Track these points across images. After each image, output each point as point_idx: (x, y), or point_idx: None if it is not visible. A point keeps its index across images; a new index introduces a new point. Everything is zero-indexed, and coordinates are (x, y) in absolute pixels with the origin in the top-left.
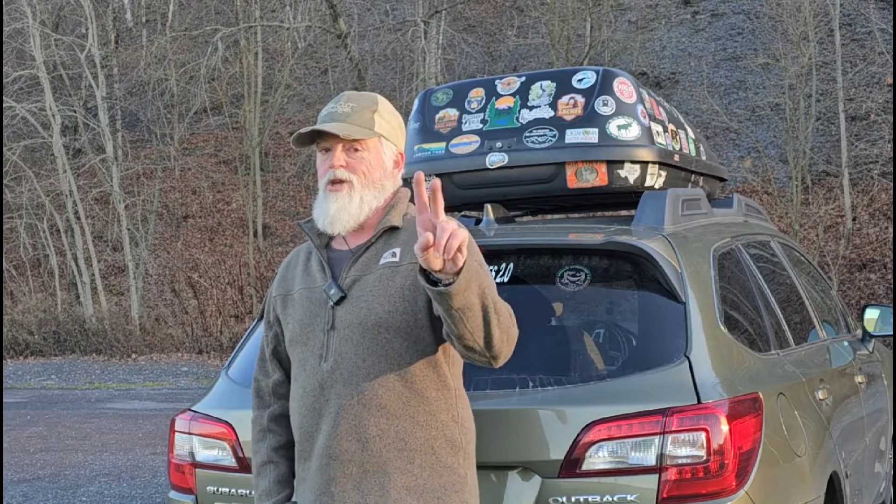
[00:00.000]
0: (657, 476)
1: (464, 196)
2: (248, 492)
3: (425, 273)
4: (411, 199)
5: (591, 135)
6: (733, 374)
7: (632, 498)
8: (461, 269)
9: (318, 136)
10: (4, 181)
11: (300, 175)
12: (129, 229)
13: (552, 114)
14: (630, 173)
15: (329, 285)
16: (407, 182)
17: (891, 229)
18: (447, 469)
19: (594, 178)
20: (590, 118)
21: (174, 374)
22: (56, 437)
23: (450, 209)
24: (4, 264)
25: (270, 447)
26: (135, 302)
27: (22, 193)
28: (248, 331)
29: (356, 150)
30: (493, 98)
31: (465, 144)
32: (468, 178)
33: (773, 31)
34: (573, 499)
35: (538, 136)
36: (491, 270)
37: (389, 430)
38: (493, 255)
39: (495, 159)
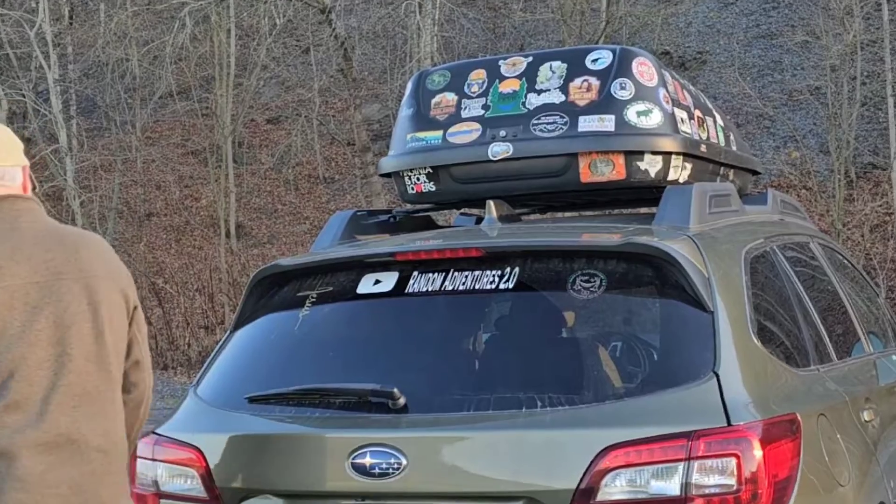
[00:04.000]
0: None
1: (463, 191)
2: None
3: None
4: None
5: (606, 122)
6: (767, 392)
7: None
8: None
9: None
10: None
11: (278, 168)
12: (85, 228)
13: (563, 98)
14: (651, 166)
15: None
16: (388, 175)
17: None
18: None
19: (610, 170)
20: (605, 103)
21: None
22: None
23: (447, 206)
24: None
25: None
26: None
27: None
28: (220, 344)
29: None
30: (497, 81)
31: (465, 133)
32: (468, 170)
33: (812, 4)
34: None
35: (547, 123)
36: (493, 276)
37: None
38: (496, 259)
39: (499, 150)
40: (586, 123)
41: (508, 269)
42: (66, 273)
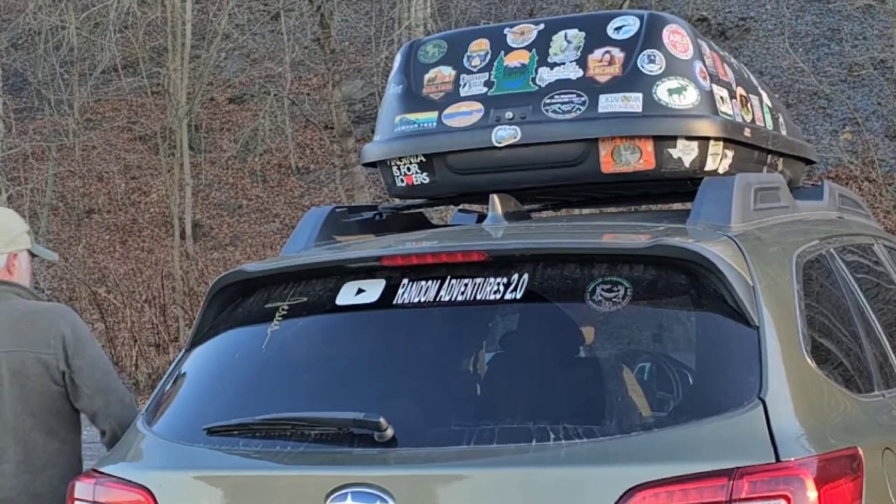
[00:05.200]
0: None
1: (462, 184)
2: None
3: None
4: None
5: (632, 102)
6: (823, 422)
7: None
8: None
9: None
10: None
11: (242, 156)
12: None
13: (581, 73)
14: (685, 153)
15: None
16: (373, 165)
17: None
18: None
19: (637, 159)
20: (631, 79)
21: None
22: None
23: (444, 202)
24: None
25: None
26: None
27: None
28: (173, 365)
29: None
30: (502, 52)
31: (464, 115)
32: (468, 159)
33: None
34: None
35: (561, 103)
36: (498, 284)
37: None
38: (501, 264)
39: (504, 134)
40: (608, 103)
41: (516, 276)
42: None
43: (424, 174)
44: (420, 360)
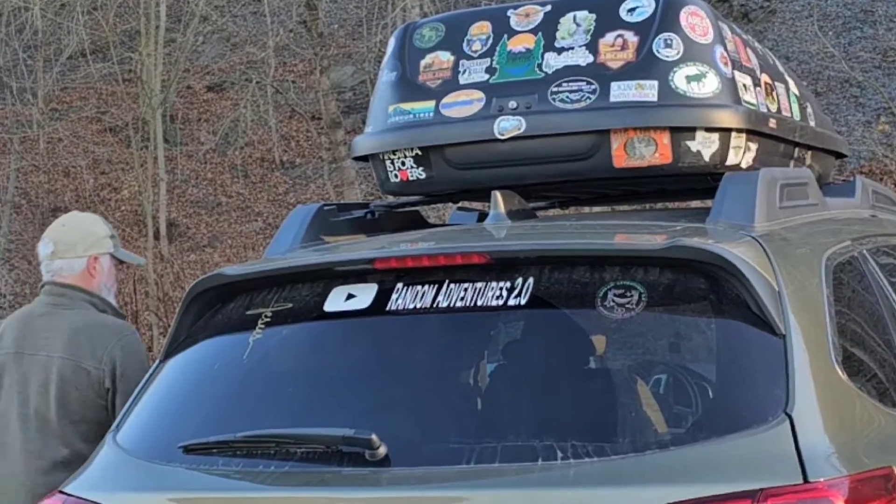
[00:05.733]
0: None
1: (461, 179)
2: None
3: None
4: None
5: (647, 90)
6: (855, 439)
7: None
8: None
9: None
10: None
11: (222, 149)
12: None
13: (591, 59)
14: (704, 146)
15: None
16: (364, 158)
17: None
18: None
19: (652, 152)
20: (646, 66)
21: None
22: None
23: (441, 199)
24: None
25: None
26: None
27: None
28: (147, 376)
29: None
30: (505, 36)
31: (464, 104)
32: (468, 152)
33: None
34: None
35: (570, 91)
36: (501, 289)
37: None
38: (504, 267)
39: (507, 126)
40: (621, 91)
41: (520, 281)
42: (25, 349)
43: (420, 169)
44: (415, 371)
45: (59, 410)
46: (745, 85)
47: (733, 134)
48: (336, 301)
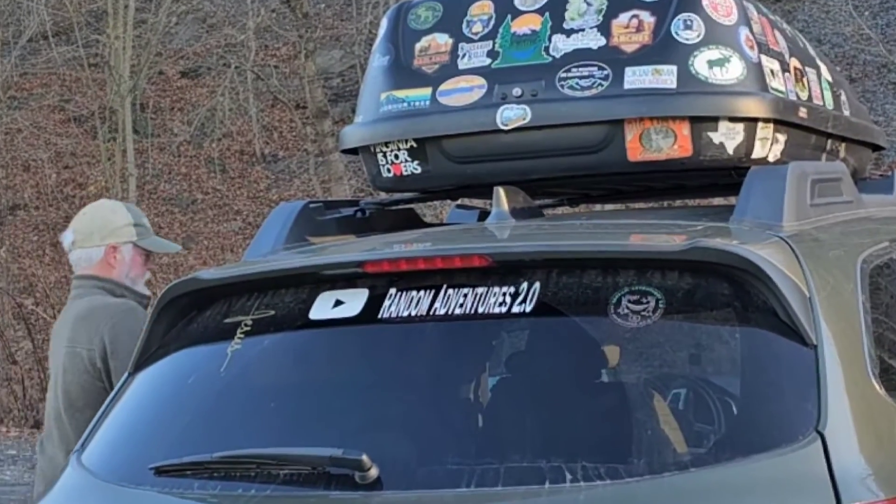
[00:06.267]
0: None
1: (461, 174)
2: None
3: None
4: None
5: (665, 75)
6: (894, 459)
7: None
8: None
9: None
10: None
11: (197, 141)
12: None
13: (603, 42)
14: (728, 137)
15: None
16: (354, 151)
17: None
18: None
19: (670, 144)
20: (663, 49)
21: None
22: None
23: (439, 195)
24: None
25: None
26: None
27: None
28: (115, 391)
29: None
30: (508, 17)
31: (464, 91)
32: (468, 144)
33: None
34: None
35: (580, 77)
36: (504, 294)
37: None
38: (507, 270)
39: (511, 115)
40: (636, 77)
41: (525, 285)
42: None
43: (416, 162)
44: (410, 385)
45: (64, 402)
46: (772, 70)
47: (760, 124)
48: (323, 308)
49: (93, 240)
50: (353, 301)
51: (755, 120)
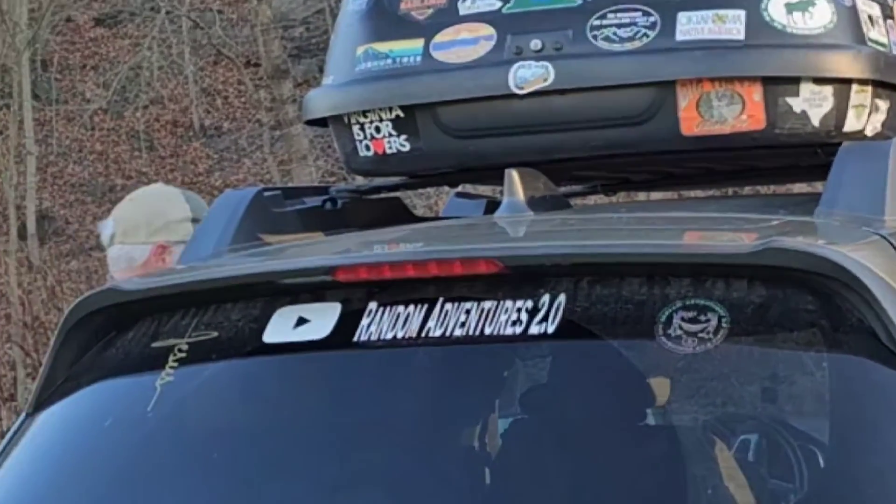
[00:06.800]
0: None
1: (462, 153)
2: None
3: None
4: None
5: (730, 23)
6: None
7: None
8: None
9: None
10: None
11: (117, 110)
12: None
13: None
14: (813, 104)
15: None
16: (322, 122)
17: None
18: None
19: (737, 114)
20: None
21: None
22: None
23: (435, 180)
24: None
25: None
26: None
27: None
28: (8, 437)
29: None
30: None
31: (466, 44)
32: (472, 114)
33: None
34: None
35: (618, 25)
36: (519, 311)
37: None
38: (523, 279)
39: (529, 75)
40: (692, 26)
41: (546, 299)
42: None
43: (403, 137)
44: (396, 430)
45: None
46: (871, 17)
47: (854, 87)
48: (281, 329)
49: (138, 235)
50: (321, 320)
51: (848, 81)
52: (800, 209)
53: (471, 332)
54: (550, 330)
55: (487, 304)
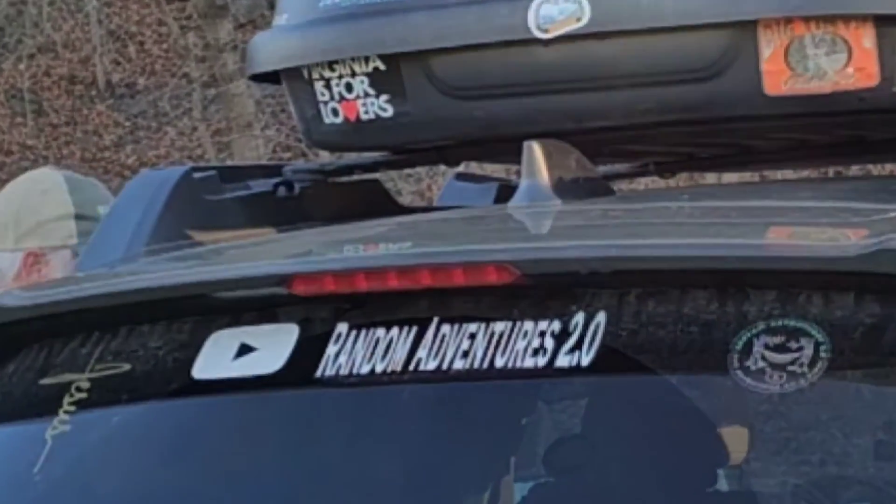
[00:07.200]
0: None
1: (465, 119)
2: None
3: None
4: None
5: None
6: None
7: None
8: None
9: None
10: None
11: None
12: None
13: None
14: None
15: None
16: (274, 77)
17: None
18: None
19: (840, 66)
20: None
21: None
22: None
23: (427, 157)
24: None
25: None
26: None
27: None
28: None
29: None
30: None
31: None
32: (478, 65)
33: None
34: None
35: None
36: (543, 334)
37: None
38: (549, 291)
39: (556, 13)
40: None
41: (580, 320)
42: None
43: (384, 98)
44: (373, 499)
45: None
46: None
47: None
48: (217, 360)
49: (5, 240)
50: (272, 348)
51: None
52: None
53: (476, 365)
54: (585, 362)
55: (499, 327)
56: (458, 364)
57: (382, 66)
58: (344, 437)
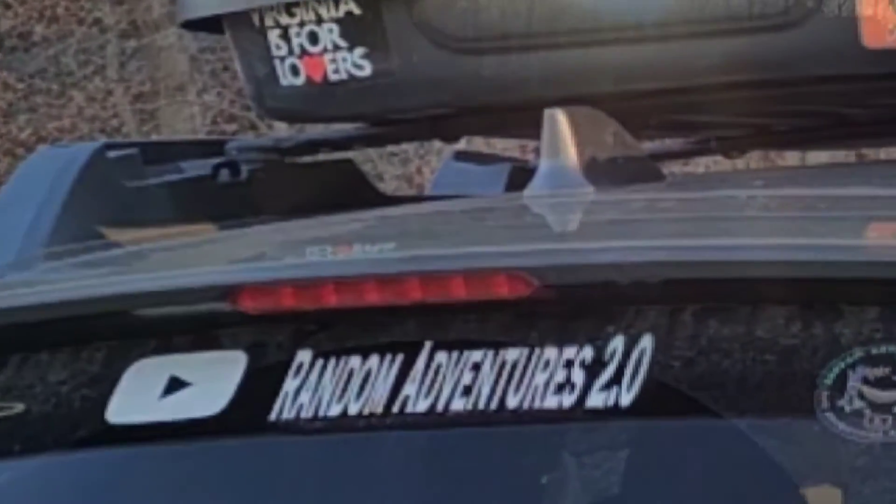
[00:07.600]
0: None
1: (466, 78)
2: None
3: None
4: None
5: None
6: None
7: None
8: None
9: None
10: None
11: None
12: None
13: None
14: None
15: None
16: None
17: None
18: None
19: None
20: None
21: None
22: None
23: (419, 131)
24: None
25: None
26: None
27: None
28: None
29: None
30: None
31: None
32: (486, 7)
33: None
34: None
35: None
36: (570, 365)
37: None
38: (579, 306)
39: None
40: None
41: (619, 345)
42: None
43: (360, 52)
44: None
45: None
46: None
47: None
48: (140, 398)
49: None
50: (212, 381)
51: None
52: None
53: (482, 405)
54: (626, 401)
55: (512, 355)
56: (458, 404)
57: (358, 10)
58: (306, 501)
